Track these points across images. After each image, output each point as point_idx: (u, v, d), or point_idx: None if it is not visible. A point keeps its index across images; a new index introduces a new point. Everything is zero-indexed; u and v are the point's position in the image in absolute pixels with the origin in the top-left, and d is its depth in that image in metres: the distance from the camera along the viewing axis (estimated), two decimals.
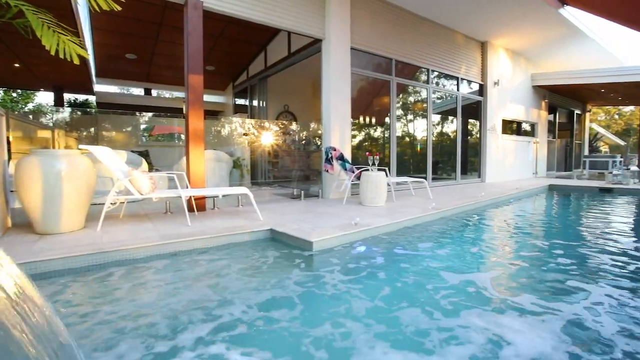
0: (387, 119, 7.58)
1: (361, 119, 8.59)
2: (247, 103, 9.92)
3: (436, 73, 8.45)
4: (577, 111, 14.79)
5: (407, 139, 8.78)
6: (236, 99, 10.77)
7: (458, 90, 8.90)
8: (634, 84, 9.86)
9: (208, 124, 8.57)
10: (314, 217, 4.26)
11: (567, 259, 3.09)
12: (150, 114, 10.40)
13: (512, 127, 11.21)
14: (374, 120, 8.85)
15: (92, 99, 11.89)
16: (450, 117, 9.29)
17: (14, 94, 17.96)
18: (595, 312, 1.97)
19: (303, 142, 8.69)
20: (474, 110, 9.64)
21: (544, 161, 12.40)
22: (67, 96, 10.96)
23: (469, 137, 9.90)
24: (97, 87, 10.70)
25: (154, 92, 11.93)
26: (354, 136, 8.68)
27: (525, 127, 11.88)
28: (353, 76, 6.47)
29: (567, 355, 1.54)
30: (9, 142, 4.41)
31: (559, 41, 9.57)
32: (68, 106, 10.80)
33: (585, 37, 9.23)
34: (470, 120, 9.92)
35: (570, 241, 3.83)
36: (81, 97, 12.30)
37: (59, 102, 10.54)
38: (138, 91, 11.71)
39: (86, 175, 3.36)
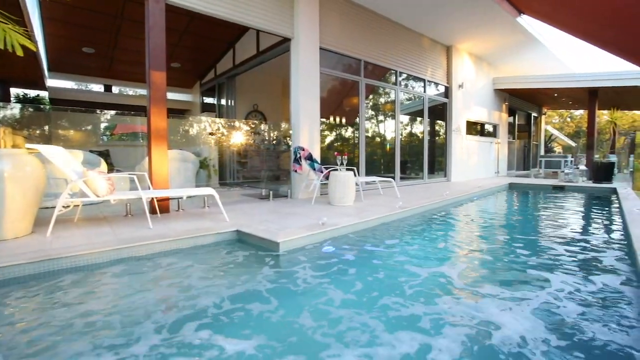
0: (357, 119, 7.66)
1: (331, 119, 8.62)
2: (215, 102, 9.67)
3: (405, 75, 8.66)
4: (534, 114, 15.70)
5: (377, 139, 8.92)
6: (204, 98, 10.47)
7: (425, 92, 9.17)
8: (582, 90, 10.61)
9: (174, 123, 8.26)
10: (281, 217, 4.21)
11: (527, 250, 3.31)
12: (112, 112, 9.88)
13: (476, 129, 11.70)
14: (344, 120, 8.91)
15: (45, 94, 11.12)
16: (419, 118, 9.54)
17: None
18: (558, 297, 2.15)
19: (274, 142, 8.59)
20: (440, 111, 9.97)
21: (505, 161, 13.05)
22: (16, 91, 10.12)
23: (436, 138, 10.22)
24: (51, 82, 9.99)
25: (115, 89, 11.31)
26: (325, 136, 8.71)
27: (488, 128, 12.45)
28: (322, 76, 6.48)
29: (544, 335, 1.68)
30: None
31: (517, 47, 10.11)
32: (16, 102, 10.00)
33: (540, 45, 9.81)
34: (437, 121, 10.24)
35: (528, 235, 4.08)
36: (32, 93, 11.46)
37: (4, 98, 9.74)
38: (98, 87, 11.06)
39: (34, 177, 3.12)
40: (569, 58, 11.72)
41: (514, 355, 1.52)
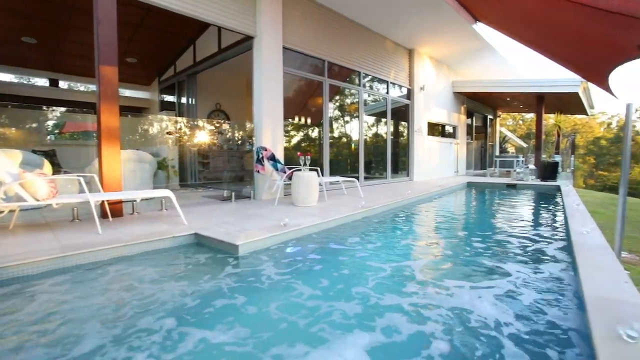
0: (322, 120, 7.68)
1: (297, 119, 8.58)
2: (175, 100, 9.28)
3: (368, 77, 8.81)
4: (490, 116, 16.61)
5: (343, 139, 9.01)
6: (163, 96, 10.02)
7: (388, 93, 9.39)
8: (531, 95, 11.37)
9: (130, 122, 7.83)
10: (243, 219, 4.11)
11: (484, 244, 3.55)
12: (62, 109, 9.16)
13: (437, 130, 12.17)
14: (309, 120, 8.91)
15: None
16: (383, 119, 9.75)
17: None
18: (515, 285, 2.38)
19: (239, 142, 8.41)
20: (403, 113, 10.25)
21: (464, 160, 13.69)
22: None
23: (400, 138, 10.50)
24: None
25: (64, 84, 10.51)
26: (291, 136, 8.65)
27: (448, 129, 13.00)
28: (286, 76, 6.43)
29: (510, 319, 1.88)
30: None
31: (474, 53, 10.63)
32: None
33: (494, 51, 10.39)
34: (401, 122, 10.52)
35: (485, 230, 4.31)
36: None
37: None
38: (43, 82, 10.20)
39: None
40: (521, 65, 12.52)
41: (485, 336, 1.70)
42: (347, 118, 9.17)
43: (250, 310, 1.99)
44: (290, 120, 8.33)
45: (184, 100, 8.82)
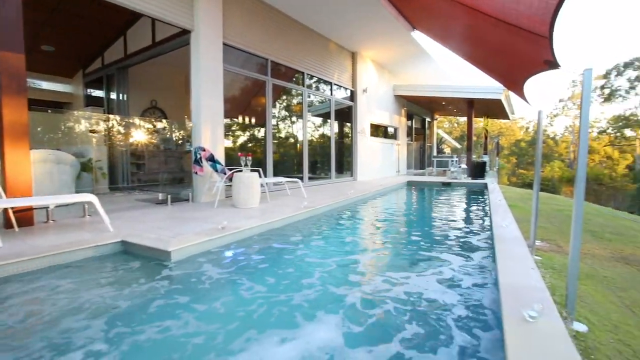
0: (266, 120, 7.55)
1: (240, 118, 8.34)
2: (103, 95, 8.47)
3: (312, 77, 8.86)
4: (428, 119, 17.73)
5: (287, 140, 8.95)
6: (89, 90, 9.07)
7: (332, 94, 9.54)
8: (463, 100, 12.35)
9: (48, 118, 6.97)
10: (178, 223, 3.87)
11: (424, 237, 3.84)
12: None
13: (379, 131, 12.66)
14: (253, 120, 8.71)
15: None
16: (328, 120, 9.88)
17: None
18: (452, 271, 2.71)
19: (179, 142, 7.94)
20: (346, 114, 10.49)
21: (405, 161, 14.43)
22: None
23: (344, 139, 10.72)
24: None
25: None
26: (236, 136, 8.38)
27: (390, 131, 13.60)
28: (229, 74, 6.22)
29: (454, 297, 2.19)
30: None
31: (412, 59, 11.24)
32: None
33: (430, 58, 11.09)
34: (345, 123, 10.76)
35: (422, 225, 4.60)
36: None
37: None
38: None
39: None
40: (454, 72, 13.54)
41: (433, 313, 1.98)
42: (292, 118, 9.14)
43: (179, 325, 1.86)
44: (234, 119, 8.07)
45: (113, 95, 8.08)
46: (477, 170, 10.51)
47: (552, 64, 5.72)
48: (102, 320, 1.86)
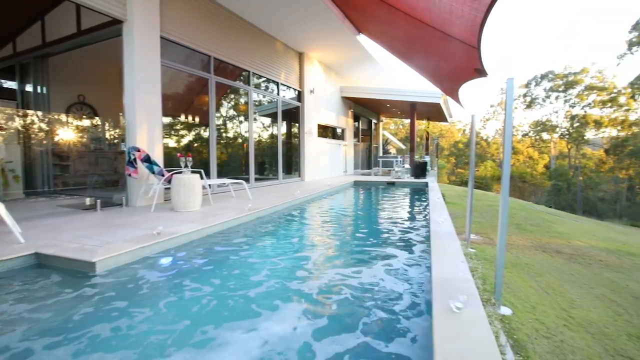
0: (209, 119, 7.24)
1: (183, 117, 7.89)
2: (16, 87, 7.45)
3: (259, 77, 8.69)
4: (374, 120, 18.37)
5: (234, 140, 8.66)
6: None
7: (278, 94, 9.44)
8: (406, 103, 12.98)
9: None
10: (107, 230, 3.53)
11: (368, 235, 4.00)
12: None
13: (326, 132, 12.82)
14: (197, 119, 8.31)
15: None
16: (275, 120, 9.76)
17: None
18: (400, 264, 2.92)
19: (114, 141, 7.26)
20: (294, 114, 10.46)
21: (352, 161, 14.78)
22: None
23: (292, 140, 10.68)
24: None
25: None
26: (180, 136, 7.89)
27: (337, 131, 13.84)
28: (169, 70, 5.86)
29: (395, 290, 2.36)
30: None
31: (358, 61, 11.54)
32: None
33: (375, 61, 11.48)
34: (293, 123, 10.71)
35: (367, 223, 4.75)
36: None
37: None
38: None
39: None
40: (397, 75, 14.18)
41: (375, 305, 2.12)
42: (238, 118, 8.87)
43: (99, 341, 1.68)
44: (177, 118, 7.61)
45: (29, 87, 7.15)
46: (419, 170, 11.12)
47: (481, 72, 6.23)
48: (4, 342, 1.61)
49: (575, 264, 5.80)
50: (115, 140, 7.49)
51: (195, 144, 7.93)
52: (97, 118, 8.36)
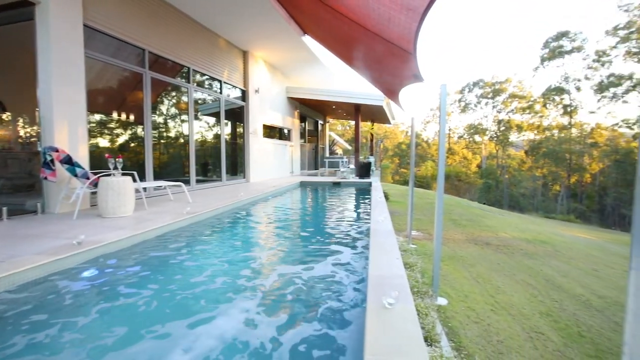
0: (154, 118, 6.73)
1: (115, 114, 7.23)
2: None
3: (200, 74, 8.30)
4: (320, 121, 18.58)
5: (177, 140, 8.15)
6: None
7: (221, 93, 9.10)
8: (351, 105, 13.32)
9: None
10: (13, 242, 3.09)
11: (319, 233, 4.07)
12: None
13: (272, 132, 12.67)
14: (132, 117, 7.67)
15: None
16: (219, 120, 9.39)
17: None
18: (349, 257, 3.10)
19: (32, 140, 6.37)
20: (239, 114, 10.17)
21: (298, 162, 14.79)
22: None
23: (236, 140, 10.36)
24: None
25: None
26: (116, 135, 7.21)
27: (284, 132, 13.75)
28: (97, 62, 5.35)
29: (347, 277, 2.58)
30: None
31: (304, 62, 11.57)
32: None
33: (320, 63, 11.60)
34: (237, 123, 10.40)
35: (312, 223, 4.76)
36: None
37: None
38: None
39: None
40: (342, 77, 14.47)
41: (331, 289, 2.31)
42: (179, 117, 8.38)
43: None
44: (110, 116, 6.95)
45: None
46: (364, 170, 11.46)
47: (418, 77, 6.59)
48: None
49: (501, 254, 6.40)
50: (33, 139, 6.63)
51: (132, 144, 7.33)
52: (7, 113, 7.34)
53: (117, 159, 4.29)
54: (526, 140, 41.17)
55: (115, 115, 6.81)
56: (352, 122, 41.05)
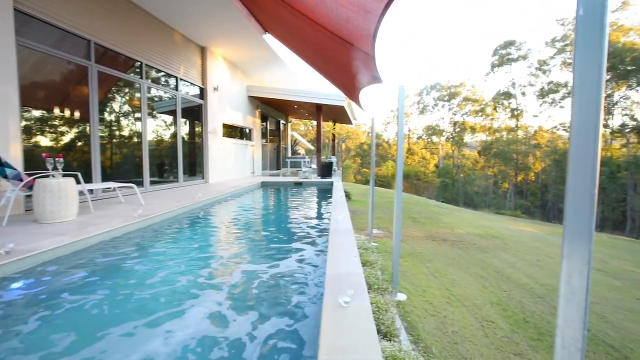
0: (103, 115, 6.24)
1: (57, 110, 6.63)
2: None
3: (155, 70, 7.87)
4: (282, 121, 18.42)
5: (131, 139, 7.64)
6: None
7: (177, 90, 8.70)
8: (312, 105, 13.34)
9: None
10: None
11: (280, 233, 4.08)
12: None
13: (232, 132, 12.35)
14: (77, 114, 7.08)
15: None
16: (175, 118, 8.96)
17: None
18: (310, 255, 3.12)
19: None
20: (197, 112, 9.78)
21: (260, 162, 14.55)
22: None
23: (194, 139, 9.96)
24: None
25: None
26: (58, 133, 6.59)
27: (245, 131, 13.46)
28: (33, 53, 4.88)
29: (309, 270, 2.68)
30: None
31: (265, 61, 11.39)
32: None
33: (281, 62, 11.49)
34: (195, 122, 10.00)
35: (273, 223, 4.70)
36: None
37: None
38: None
39: None
40: (304, 77, 14.46)
41: (296, 283, 2.39)
42: (130, 115, 7.88)
43: None
44: (52, 112, 6.35)
45: None
46: (325, 169, 11.52)
47: (377, 79, 6.73)
48: None
49: (457, 249, 6.71)
50: None
51: (78, 143, 6.77)
52: None
53: (56, 159, 3.93)
54: (479, 141, 43.90)
55: (57, 111, 6.25)
56: (315, 122, 41.30)
